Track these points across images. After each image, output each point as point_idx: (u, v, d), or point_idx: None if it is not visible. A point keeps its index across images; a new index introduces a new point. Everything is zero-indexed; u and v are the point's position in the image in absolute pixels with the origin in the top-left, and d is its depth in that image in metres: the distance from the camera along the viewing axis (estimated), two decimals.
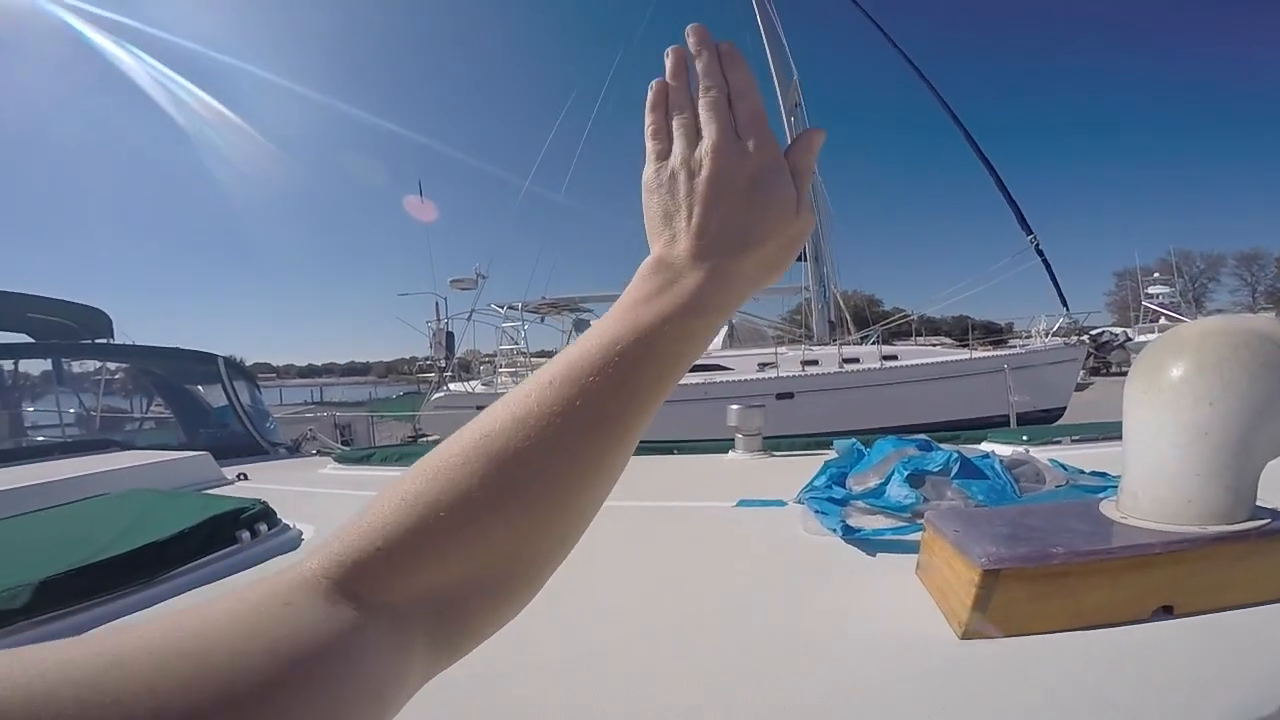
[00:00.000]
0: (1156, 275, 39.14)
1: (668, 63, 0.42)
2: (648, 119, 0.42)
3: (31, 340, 3.96)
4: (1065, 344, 11.09)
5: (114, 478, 1.93)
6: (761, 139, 0.40)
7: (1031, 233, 11.42)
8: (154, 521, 1.23)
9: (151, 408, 4.21)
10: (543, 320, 15.94)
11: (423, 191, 19.79)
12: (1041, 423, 8.80)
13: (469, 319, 15.15)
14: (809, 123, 15.84)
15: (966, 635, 0.70)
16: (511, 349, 14.73)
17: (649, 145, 0.42)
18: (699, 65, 0.41)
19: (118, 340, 4.40)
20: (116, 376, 4.16)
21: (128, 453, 2.57)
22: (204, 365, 3.75)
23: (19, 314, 3.92)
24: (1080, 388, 11.99)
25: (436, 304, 15.70)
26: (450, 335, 15.42)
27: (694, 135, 0.40)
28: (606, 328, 0.36)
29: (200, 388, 3.94)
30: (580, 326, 15.53)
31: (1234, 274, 46.19)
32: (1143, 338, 24.96)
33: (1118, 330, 28.37)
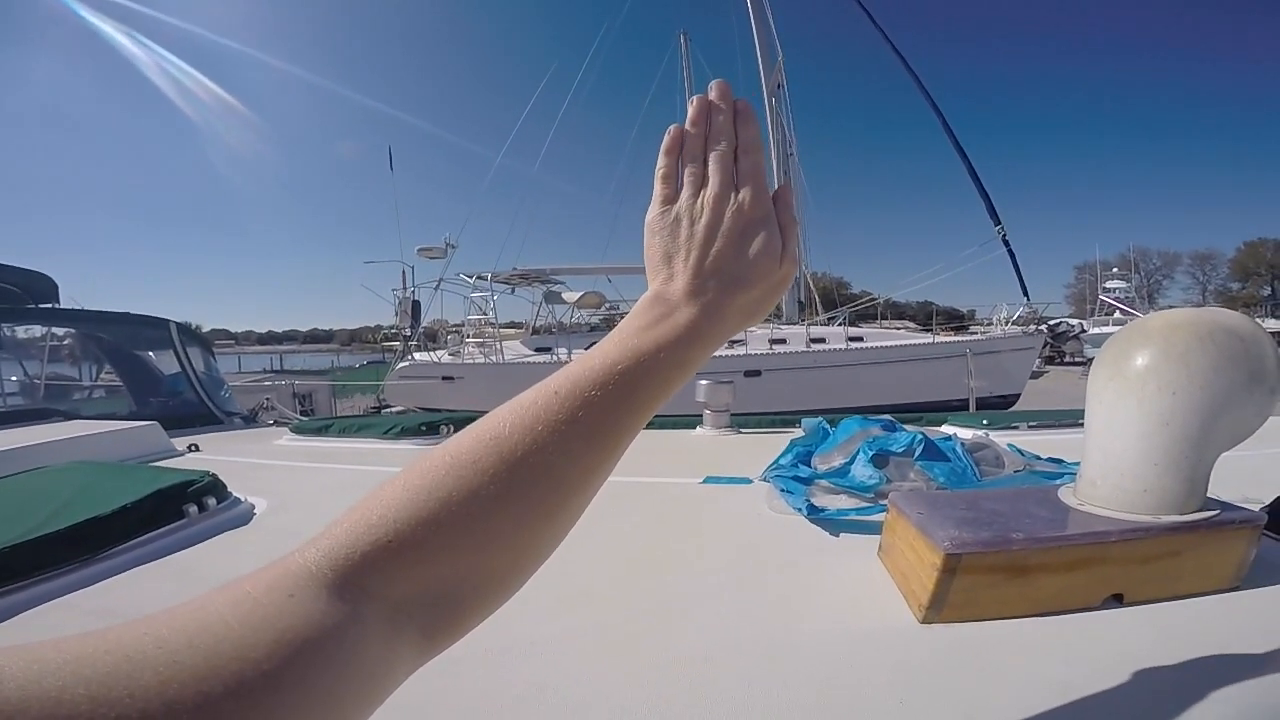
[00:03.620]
0: (1115, 270, 40.30)
1: (690, 109, 0.46)
2: (660, 161, 0.46)
3: None
4: (1024, 332, 11.37)
5: (55, 449, 1.85)
6: (757, 194, 0.45)
7: (999, 223, 11.61)
8: (96, 495, 1.17)
9: (100, 375, 4.05)
10: (513, 291, 15.73)
11: (393, 161, 19.12)
12: (998, 408, 9.06)
13: (437, 288, 14.89)
14: (791, 104, 15.81)
15: (927, 619, 0.71)
16: (480, 319, 14.53)
17: (657, 187, 0.46)
18: (718, 120, 0.46)
19: (64, 306, 4.21)
20: (63, 343, 3.99)
21: (71, 423, 2.46)
22: (155, 331, 3.59)
23: None
24: (1035, 375, 12.35)
25: (404, 272, 15.38)
26: (417, 304, 15.15)
27: (699, 184, 0.45)
28: (608, 350, 0.39)
29: (151, 354, 3.79)
30: (551, 298, 15.40)
31: (1188, 272, 48.00)
32: (1097, 330, 25.84)
33: (1074, 321, 29.26)
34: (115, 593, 0.94)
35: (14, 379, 3.77)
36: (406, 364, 13.60)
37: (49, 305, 4.06)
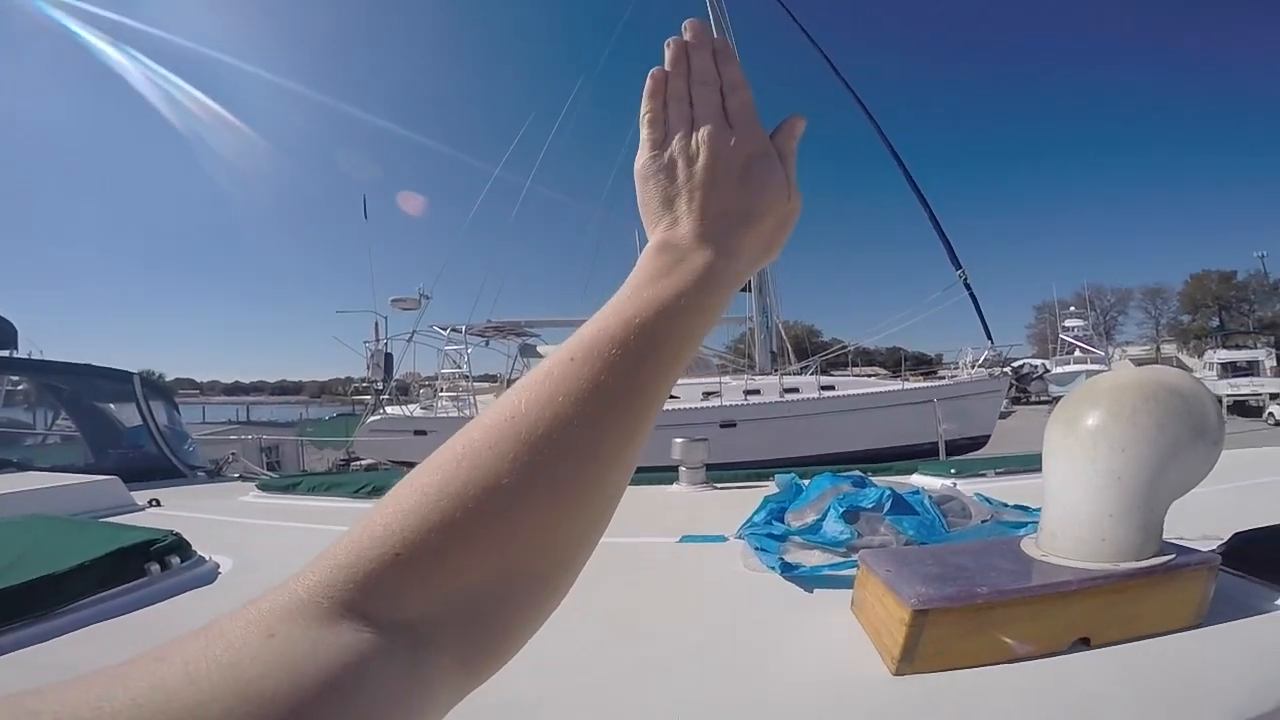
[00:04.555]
0: (1072, 309, 41.51)
1: (668, 53, 0.43)
2: (645, 105, 0.43)
3: None
4: (990, 375, 11.66)
5: (9, 502, 1.78)
6: (751, 128, 0.42)
7: (960, 267, 11.98)
8: (52, 551, 1.14)
9: (55, 425, 3.92)
10: (487, 344, 15.64)
11: (367, 209, 19.18)
12: (968, 450, 9.19)
13: (410, 340, 14.73)
14: None
15: (899, 671, 0.72)
16: (454, 372, 14.42)
17: (645, 132, 0.43)
18: (695, 59, 0.43)
19: (22, 353, 4.10)
20: (19, 389, 3.87)
21: (26, 474, 2.38)
22: (117, 384, 3.52)
23: None
24: (1003, 416, 12.60)
25: (376, 323, 15.24)
26: (389, 356, 14.96)
27: (690, 124, 0.42)
28: (621, 306, 0.36)
29: (112, 406, 3.70)
30: (527, 351, 15.35)
31: (1140, 308, 49.30)
32: (1060, 369, 26.62)
33: (1037, 362, 30.13)
34: (71, 650, 0.90)
35: None
36: (378, 417, 13.37)
37: (6, 353, 3.95)
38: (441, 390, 14.14)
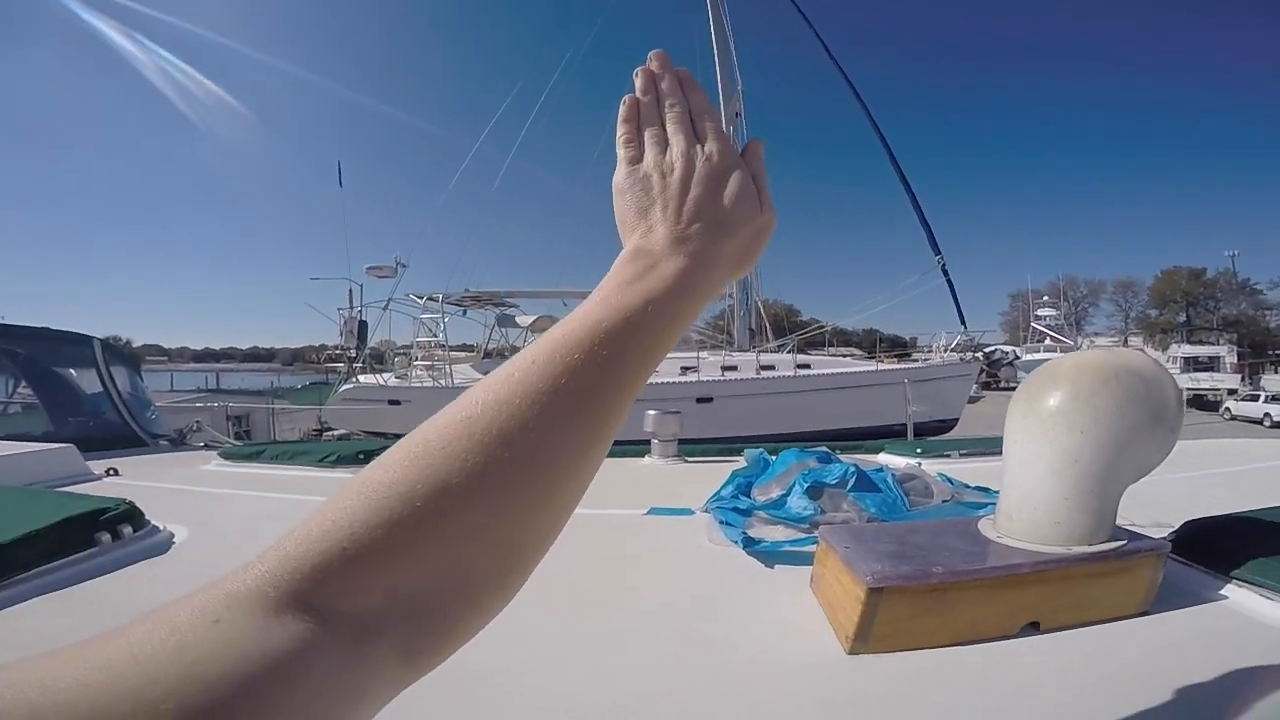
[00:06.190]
0: (1045, 298, 42.35)
1: (637, 82, 0.46)
2: (620, 129, 0.45)
3: None
4: (961, 360, 11.85)
5: None
6: (722, 147, 0.44)
7: (939, 253, 12.10)
8: None
9: (15, 392, 3.81)
10: (464, 313, 15.46)
11: (341, 176, 18.70)
12: (937, 432, 9.38)
13: (385, 308, 14.51)
14: (746, 133, 16.17)
15: (854, 650, 0.72)
16: (430, 341, 14.23)
17: (621, 152, 0.45)
18: (663, 86, 0.45)
19: None
20: None
21: None
22: (77, 348, 3.41)
23: None
24: (972, 400, 12.84)
25: (350, 290, 14.97)
26: (364, 324, 14.73)
27: (664, 144, 0.44)
28: (590, 311, 0.36)
29: (73, 372, 3.59)
30: (504, 321, 15.21)
31: (1111, 300, 50.27)
32: (1029, 356, 27.20)
33: (1008, 348, 30.73)
34: (16, 622, 0.88)
35: None
36: (350, 386, 13.20)
37: None
38: (417, 359, 13.95)
